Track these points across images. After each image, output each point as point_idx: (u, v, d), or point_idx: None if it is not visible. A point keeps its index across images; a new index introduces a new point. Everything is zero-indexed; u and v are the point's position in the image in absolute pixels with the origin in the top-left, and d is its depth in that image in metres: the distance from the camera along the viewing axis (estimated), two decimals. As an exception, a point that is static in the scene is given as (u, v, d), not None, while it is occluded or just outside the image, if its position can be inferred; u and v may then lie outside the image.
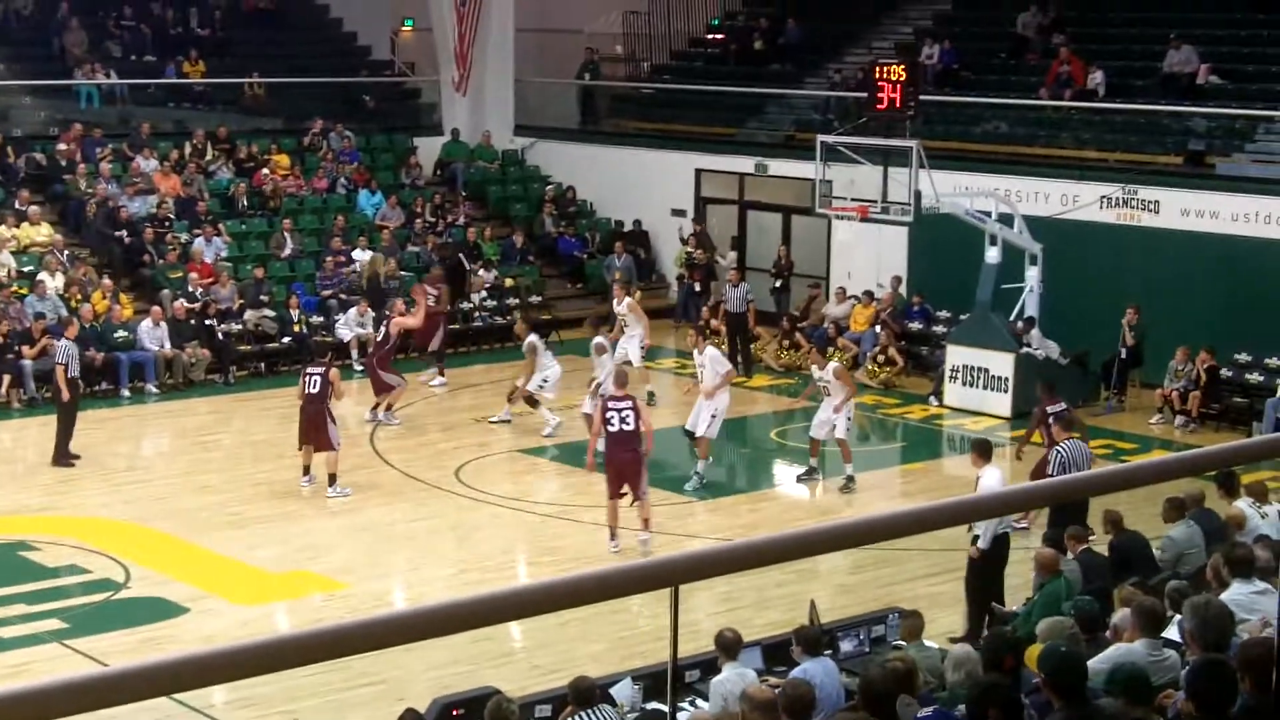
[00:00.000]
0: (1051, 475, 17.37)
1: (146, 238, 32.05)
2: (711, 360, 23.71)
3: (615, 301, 28.82)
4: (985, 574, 16.78)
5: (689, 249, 35.70)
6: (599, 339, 25.63)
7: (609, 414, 19.94)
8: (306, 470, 22.80)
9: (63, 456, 24.16)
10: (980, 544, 16.81)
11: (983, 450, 18.06)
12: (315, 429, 22.44)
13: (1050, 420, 20.53)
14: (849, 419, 23.32)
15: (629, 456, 19.94)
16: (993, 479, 17.28)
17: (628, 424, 19.85)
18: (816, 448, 23.63)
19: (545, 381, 25.72)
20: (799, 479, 23.87)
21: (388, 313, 27.46)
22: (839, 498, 22.97)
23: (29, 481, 23.72)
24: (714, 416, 23.21)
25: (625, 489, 20.05)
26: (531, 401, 26.07)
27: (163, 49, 38.27)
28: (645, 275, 36.94)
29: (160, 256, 31.82)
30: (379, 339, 26.90)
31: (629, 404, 20.09)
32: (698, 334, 25.46)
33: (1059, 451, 18.75)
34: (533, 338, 26.00)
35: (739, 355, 30.71)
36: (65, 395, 24.22)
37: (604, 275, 35.64)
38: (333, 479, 22.52)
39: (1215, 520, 16.17)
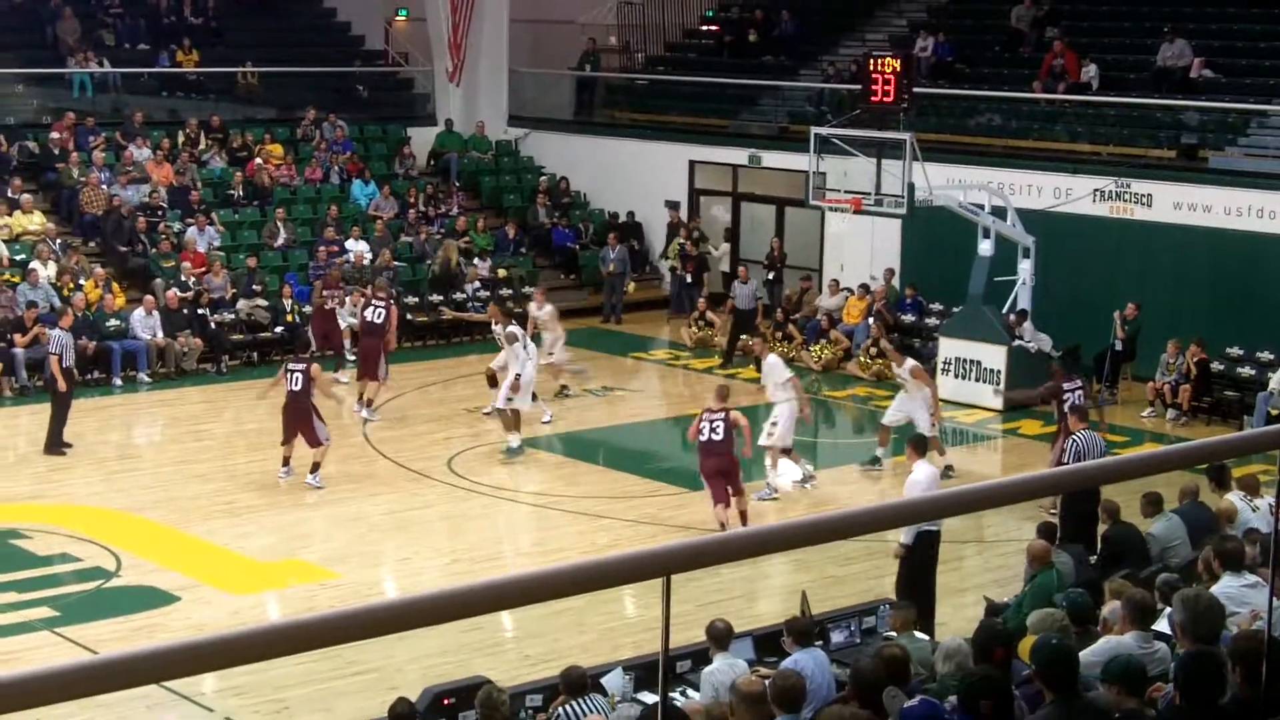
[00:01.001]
0: (1066, 464, 17.40)
1: (139, 227, 32.02)
2: (770, 368, 22.88)
3: (535, 305, 28.04)
4: (913, 572, 16.68)
5: (681, 239, 35.67)
6: (512, 328, 24.73)
7: (702, 424, 20.15)
8: (286, 462, 22.77)
9: (55, 445, 24.14)
10: (903, 538, 16.84)
11: (917, 445, 17.99)
12: (302, 425, 22.40)
13: (1067, 401, 20.66)
14: (930, 416, 22.84)
15: (714, 463, 20.19)
16: (922, 474, 17.23)
17: (717, 434, 20.04)
18: (885, 436, 23.53)
19: (520, 375, 24.36)
20: (862, 466, 23.77)
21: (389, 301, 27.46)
22: (831, 490, 22.96)
23: (20, 470, 23.69)
24: (774, 425, 22.25)
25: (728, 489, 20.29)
26: (492, 380, 25.50)
27: (156, 37, 38.22)
28: (639, 266, 36.92)
29: (153, 246, 31.80)
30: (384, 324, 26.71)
31: (721, 415, 20.23)
32: (761, 341, 26.21)
33: (1075, 441, 18.81)
34: (514, 327, 24.85)
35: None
36: (62, 385, 24.23)
37: (599, 266, 35.64)
38: (315, 466, 22.47)
39: (1205, 513, 16.19)
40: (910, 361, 23.77)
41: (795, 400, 22.42)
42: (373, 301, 27.06)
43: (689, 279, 35.14)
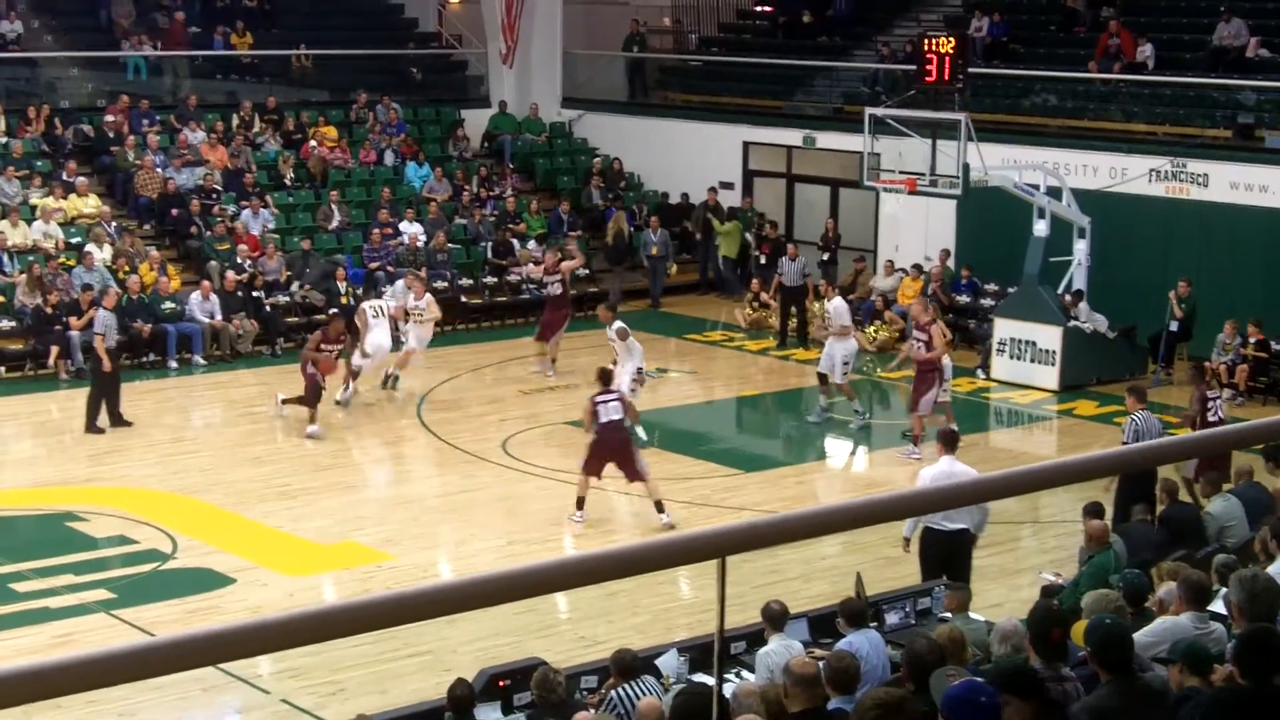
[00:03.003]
0: (1126, 444, 17.28)
1: (193, 210, 32.15)
2: (836, 311, 25.15)
3: (414, 296, 27.56)
4: (926, 571, 16.43)
5: (757, 223, 35.69)
6: (620, 324, 24.45)
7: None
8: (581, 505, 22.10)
9: (94, 425, 24.46)
10: (905, 532, 16.73)
11: (945, 440, 17.55)
12: (625, 457, 20.67)
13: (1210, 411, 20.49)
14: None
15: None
16: (930, 471, 16.88)
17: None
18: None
19: (641, 368, 24.17)
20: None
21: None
22: (886, 470, 22.93)
23: (76, 452, 23.83)
24: (846, 363, 24.89)
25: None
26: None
27: (210, 20, 38.35)
28: (691, 249, 36.89)
29: (208, 229, 31.92)
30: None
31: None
32: (828, 283, 27.35)
33: (1133, 421, 18.74)
34: (621, 324, 24.38)
35: (794, 328, 30.79)
36: (107, 365, 24.49)
37: (640, 251, 35.57)
38: (659, 505, 20.72)
39: (1263, 493, 16.11)
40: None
41: (854, 340, 25.42)
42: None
43: (763, 260, 34.90)
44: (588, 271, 34.03)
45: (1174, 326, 27.97)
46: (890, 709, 6.17)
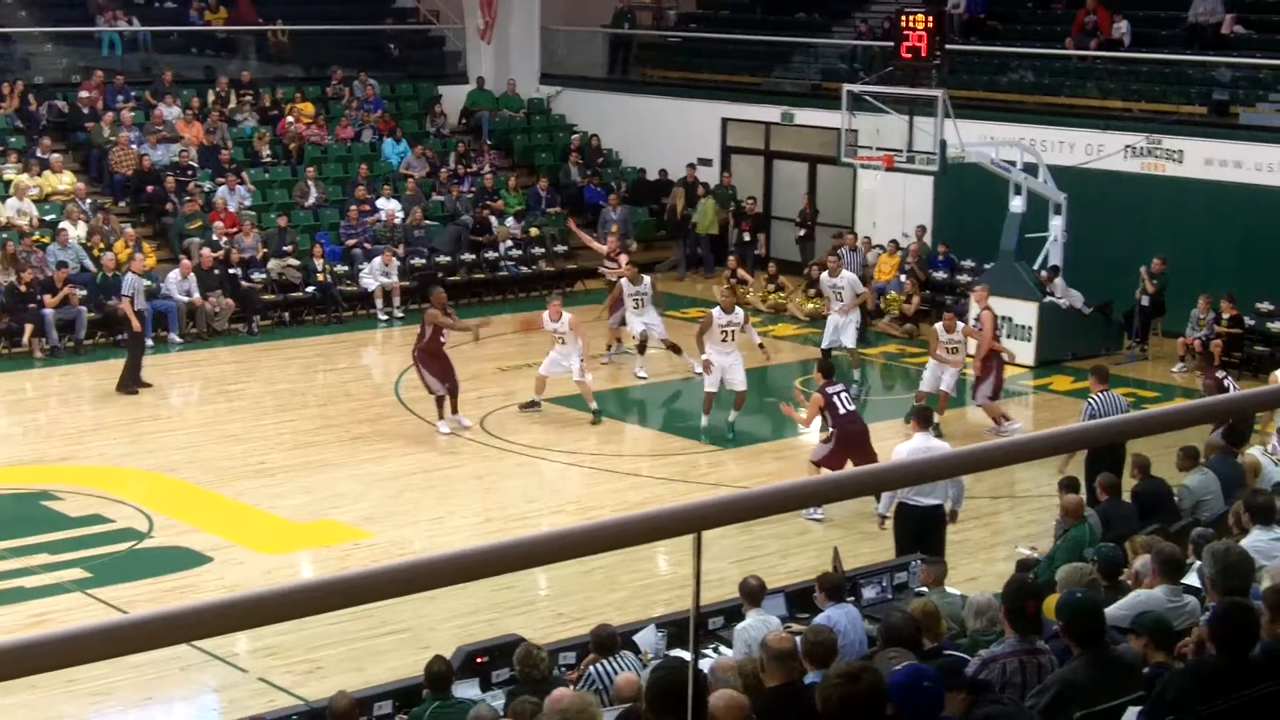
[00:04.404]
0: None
1: (169, 187, 32.04)
2: (850, 283, 26.06)
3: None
4: (901, 546, 16.44)
5: (736, 199, 35.71)
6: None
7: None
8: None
9: (130, 384, 25.17)
10: (880, 509, 16.77)
11: (919, 417, 17.56)
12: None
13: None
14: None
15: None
16: (906, 446, 16.80)
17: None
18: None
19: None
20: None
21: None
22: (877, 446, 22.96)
23: (51, 431, 23.81)
24: (857, 330, 26.27)
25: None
26: (642, 346, 26.73)
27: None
28: (669, 227, 36.87)
29: (182, 205, 31.75)
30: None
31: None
32: (839, 258, 27.71)
33: (1089, 404, 18.82)
34: (648, 278, 27.03)
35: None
36: (136, 325, 25.31)
37: (601, 229, 35.13)
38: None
39: (1235, 467, 16.19)
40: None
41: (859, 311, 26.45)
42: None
43: (746, 237, 34.94)
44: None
45: (1145, 301, 28.12)
46: (850, 678, 6.32)
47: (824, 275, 27.02)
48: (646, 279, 26.96)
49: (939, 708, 6.84)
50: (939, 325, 24.20)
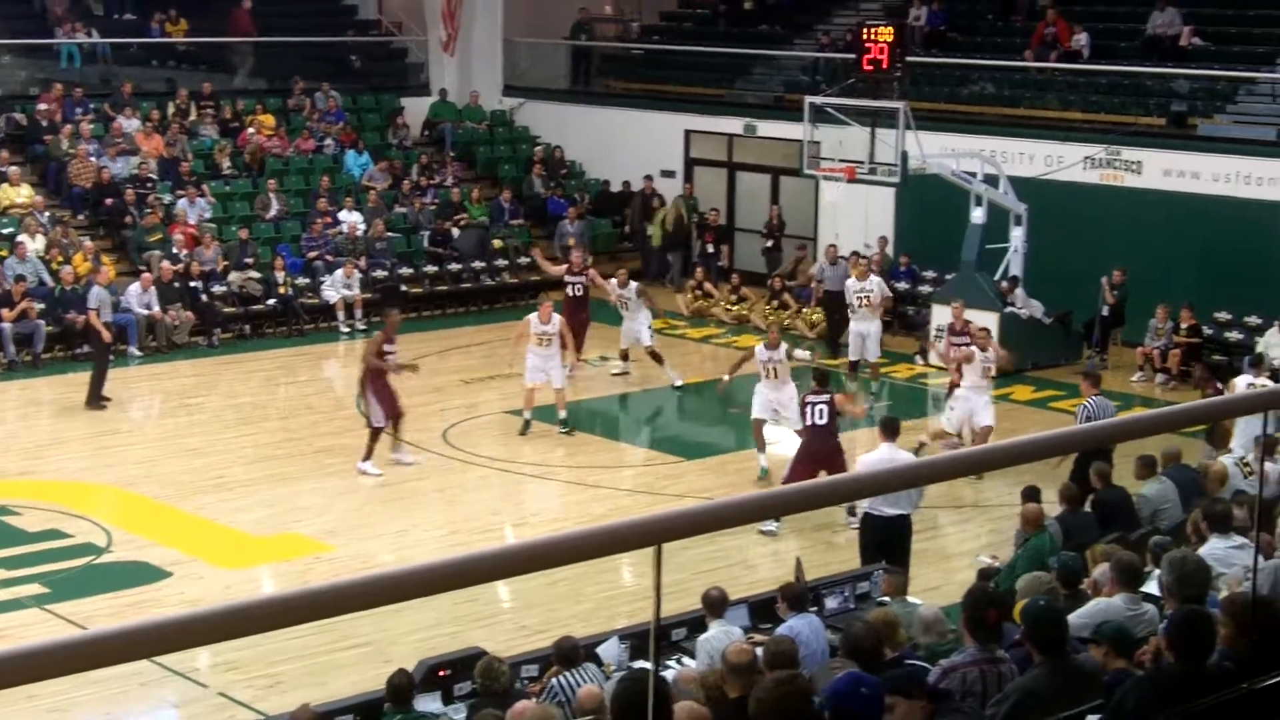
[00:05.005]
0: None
1: (128, 199, 31.91)
2: (879, 286, 26.93)
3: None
4: (865, 554, 16.50)
5: (700, 211, 35.83)
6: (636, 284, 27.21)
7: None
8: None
9: (96, 400, 25.00)
10: (850, 519, 16.81)
11: (886, 427, 17.55)
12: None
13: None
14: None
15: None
16: (873, 456, 16.97)
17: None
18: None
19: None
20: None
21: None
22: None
23: (9, 445, 23.61)
24: (879, 342, 26.94)
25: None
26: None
27: (144, 7, 38.00)
28: (630, 239, 36.91)
29: (141, 218, 31.60)
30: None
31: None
32: (867, 262, 28.25)
33: (1085, 407, 19.19)
34: (636, 284, 27.35)
35: (821, 334, 30.54)
36: (106, 336, 25.53)
37: (558, 241, 35.05)
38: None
39: (1191, 475, 16.27)
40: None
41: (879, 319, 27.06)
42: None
43: (710, 249, 35.06)
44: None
45: (1105, 312, 28.30)
46: (783, 683, 6.49)
47: (850, 280, 27.26)
48: (633, 284, 27.20)
49: (877, 715, 6.89)
50: (974, 348, 22.73)
